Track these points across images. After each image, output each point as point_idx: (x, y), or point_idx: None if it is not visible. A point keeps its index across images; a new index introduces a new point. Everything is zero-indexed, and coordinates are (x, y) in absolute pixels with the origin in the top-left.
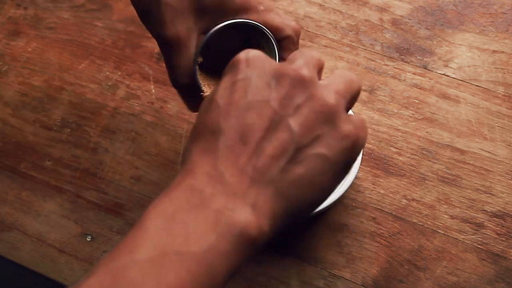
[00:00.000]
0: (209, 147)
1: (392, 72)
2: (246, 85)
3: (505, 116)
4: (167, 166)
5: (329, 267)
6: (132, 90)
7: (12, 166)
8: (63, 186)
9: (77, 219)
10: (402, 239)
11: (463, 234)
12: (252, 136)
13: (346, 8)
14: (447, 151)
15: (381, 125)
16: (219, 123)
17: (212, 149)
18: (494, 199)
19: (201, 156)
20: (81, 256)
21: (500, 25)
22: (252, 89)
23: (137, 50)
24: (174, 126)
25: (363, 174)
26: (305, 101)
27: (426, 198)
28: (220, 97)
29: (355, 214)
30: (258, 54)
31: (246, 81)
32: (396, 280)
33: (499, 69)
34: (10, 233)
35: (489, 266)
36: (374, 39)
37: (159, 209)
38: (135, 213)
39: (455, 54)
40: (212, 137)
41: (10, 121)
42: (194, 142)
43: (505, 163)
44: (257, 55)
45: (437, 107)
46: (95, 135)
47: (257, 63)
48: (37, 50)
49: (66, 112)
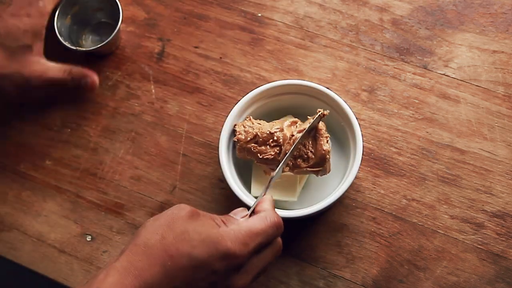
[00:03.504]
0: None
1: (392, 72)
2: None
3: (505, 116)
4: (167, 166)
5: (329, 267)
6: (132, 90)
7: (12, 166)
8: (63, 186)
9: (77, 219)
10: (402, 239)
11: (463, 234)
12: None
13: (346, 8)
14: (447, 151)
15: (381, 125)
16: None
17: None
18: (494, 199)
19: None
20: (81, 256)
21: (500, 25)
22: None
23: (137, 50)
24: (174, 126)
25: (363, 174)
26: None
27: (426, 198)
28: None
29: (355, 214)
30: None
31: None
32: (396, 280)
33: (499, 69)
34: (10, 233)
35: (489, 266)
36: (374, 39)
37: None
38: (135, 213)
39: (455, 54)
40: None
41: (10, 121)
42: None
43: (505, 163)
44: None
45: (437, 107)
46: (95, 135)
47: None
48: None
49: (66, 112)
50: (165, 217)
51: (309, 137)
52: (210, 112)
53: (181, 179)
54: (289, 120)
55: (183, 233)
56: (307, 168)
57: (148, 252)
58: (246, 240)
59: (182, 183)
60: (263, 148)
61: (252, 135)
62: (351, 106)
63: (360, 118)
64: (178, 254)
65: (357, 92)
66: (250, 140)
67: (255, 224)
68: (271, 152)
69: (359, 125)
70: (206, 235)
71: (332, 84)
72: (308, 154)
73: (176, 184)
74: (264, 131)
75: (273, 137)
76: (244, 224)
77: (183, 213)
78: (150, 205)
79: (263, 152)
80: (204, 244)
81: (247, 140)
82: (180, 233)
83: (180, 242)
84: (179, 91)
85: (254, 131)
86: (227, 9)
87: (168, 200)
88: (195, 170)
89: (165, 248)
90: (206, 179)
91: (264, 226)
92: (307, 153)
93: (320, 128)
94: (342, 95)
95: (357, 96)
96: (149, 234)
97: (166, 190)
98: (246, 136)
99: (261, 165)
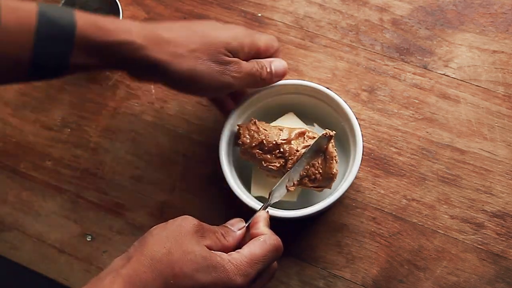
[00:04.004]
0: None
1: (392, 72)
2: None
3: (505, 116)
4: (167, 166)
5: (329, 267)
6: (132, 90)
7: (12, 166)
8: (63, 186)
9: (77, 219)
10: (402, 239)
11: (463, 234)
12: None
13: (346, 8)
14: (447, 151)
15: (381, 125)
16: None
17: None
18: (494, 199)
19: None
20: (81, 256)
21: (500, 25)
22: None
23: None
24: (174, 126)
25: (363, 174)
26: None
27: (426, 198)
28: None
29: (355, 214)
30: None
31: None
32: (396, 280)
33: (499, 69)
34: (10, 233)
35: (489, 266)
36: (374, 39)
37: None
38: (135, 213)
39: (455, 54)
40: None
41: (10, 121)
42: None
43: (505, 163)
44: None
45: (437, 107)
46: (95, 135)
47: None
48: None
49: (66, 112)
50: (172, 229)
51: (318, 157)
52: (210, 112)
53: (181, 179)
54: (297, 131)
55: (189, 253)
56: (312, 187)
57: (154, 266)
58: (248, 270)
59: (182, 183)
60: (268, 157)
61: (258, 141)
62: (351, 106)
63: (360, 118)
64: (182, 273)
65: (357, 92)
66: (255, 146)
67: (256, 251)
68: (276, 164)
69: (359, 125)
70: (210, 262)
71: (332, 84)
72: (316, 176)
73: (176, 184)
74: (271, 140)
75: (279, 148)
76: (246, 253)
77: (189, 227)
78: (150, 205)
79: (268, 161)
80: (207, 271)
81: (252, 146)
82: (187, 253)
83: (185, 263)
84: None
85: (260, 137)
86: (227, 9)
87: (168, 200)
88: (195, 170)
89: (170, 264)
90: (206, 179)
91: (264, 251)
92: (316, 174)
93: (331, 151)
94: (342, 95)
95: (357, 96)
96: (156, 246)
97: (166, 190)
98: (251, 141)
99: (263, 170)
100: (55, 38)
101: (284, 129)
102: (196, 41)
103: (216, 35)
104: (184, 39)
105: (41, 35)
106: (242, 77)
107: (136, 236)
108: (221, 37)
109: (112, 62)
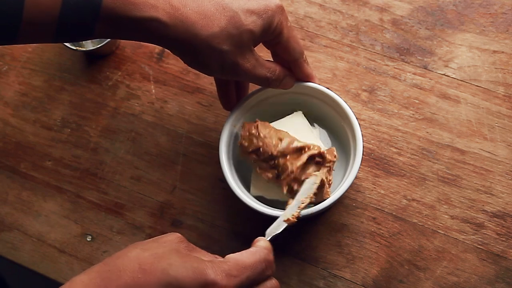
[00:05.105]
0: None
1: (392, 72)
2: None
3: (505, 116)
4: (167, 166)
5: (329, 267)
6: (132, 90)
7: (12, 166)
8: (63, 186)
9: (77, 219)
10: (402, 239)
11: (463, 234)
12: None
13: (346, 8)
14: (447, 151)
15: (381, 125)
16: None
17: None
18: (494, 199)
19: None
20: (81, 256)
21: (500, 25)
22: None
23: (137, 50)
24: (174, 126)
25: (363, 174)
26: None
27: (426, 198)
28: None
29: (355, 214)
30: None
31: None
32: (396, 280)
33: (499, 69)
34: (10, 233)
35: (489, 266)
36: (374, 39)
37: None
38: (135, 213)
39: (455, 54)
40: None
41: (10, 121)
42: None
43: (505, 163)
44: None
45: (437, 107)
46: (95, 135)
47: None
48: (37, 50)
49: (66, 112)
50: (153, 238)
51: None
52: (210, 112)
53: (181, 179)
54: (296, 144)
55: (164, 253)
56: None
57: (119, 263)
58: (232, 271)
59: (182, 183)
60: (263, 165)
61: (255, 147)
62: (351, 106)
63: (360, 118)
64: (152, 269)
65: (357, 92)
66: (252, 151)
67: (243, 257)
68: (268, 174)
69: (359, 125)
70: (187, 259)
71: (332, 84)
72: (311, 200)
73: (176, 184)
74: (267, 150)
75: (274, 160)
76: (232, 256)
77: (173, 237)
78: (150, 205)
79: (262, 169)
80: (183, 266)
81: (248, 151)
82: (161, 253)
83: (157, 259)
84: (179, 91)
85: (257, 143)
86: None
87: (168, 200)
88: (195, 170)
89: (139, 261)
90: (206, 179)
91: (252, 260)
92: (311, 199)
93: (324, 179)
94: (342, 95)
95: (357, 96)
96: (127, 248)
97: (166, 190)
98: (249, 145)
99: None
100: (81, 8)
101: (284, 139)
102: (222, 22)
103: (245, 17)
104: (209, 20)
105: (67, 4)
106: (254, 74)
107: (136, 236)
108: (250, 20)
109: (136, 36)
